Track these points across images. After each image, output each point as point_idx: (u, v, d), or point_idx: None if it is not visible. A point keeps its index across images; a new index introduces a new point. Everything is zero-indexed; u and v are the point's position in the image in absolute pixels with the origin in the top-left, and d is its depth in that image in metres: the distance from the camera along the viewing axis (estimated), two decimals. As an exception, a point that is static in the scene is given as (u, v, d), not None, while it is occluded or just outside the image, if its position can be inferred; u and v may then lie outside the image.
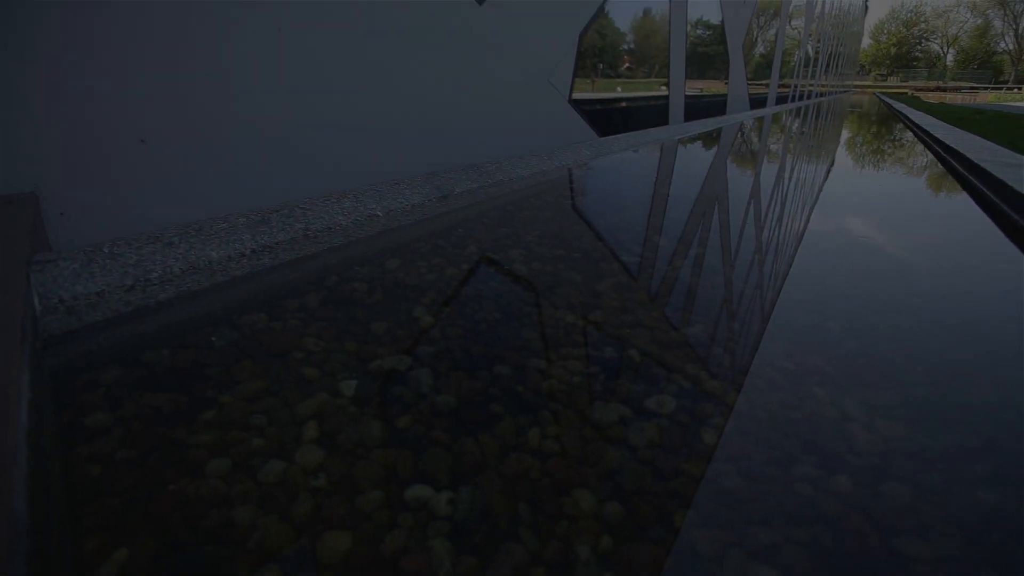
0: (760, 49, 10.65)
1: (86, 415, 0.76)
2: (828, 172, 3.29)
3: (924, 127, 5.83)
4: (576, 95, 3.50)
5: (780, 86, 12.07)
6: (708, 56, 7.14)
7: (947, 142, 3.84)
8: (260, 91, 1.65)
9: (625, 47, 4.95)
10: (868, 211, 2.21)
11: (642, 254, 1.49)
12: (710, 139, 4.64)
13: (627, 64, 5.13)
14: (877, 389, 0.88)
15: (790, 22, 13.16)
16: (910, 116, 8.30)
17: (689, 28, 5.93)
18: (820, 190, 2.57)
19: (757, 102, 10.06)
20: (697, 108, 6.39)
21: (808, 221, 2.00)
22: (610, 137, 3.81)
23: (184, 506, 0.60)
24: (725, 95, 7.64)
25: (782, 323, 1.15)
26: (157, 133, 1.42)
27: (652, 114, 5.22)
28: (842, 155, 4.39)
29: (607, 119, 4.17)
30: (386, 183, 1.87)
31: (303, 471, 0.66)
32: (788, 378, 0.91)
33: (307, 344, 0.98)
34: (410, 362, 0.93)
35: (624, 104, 4.80)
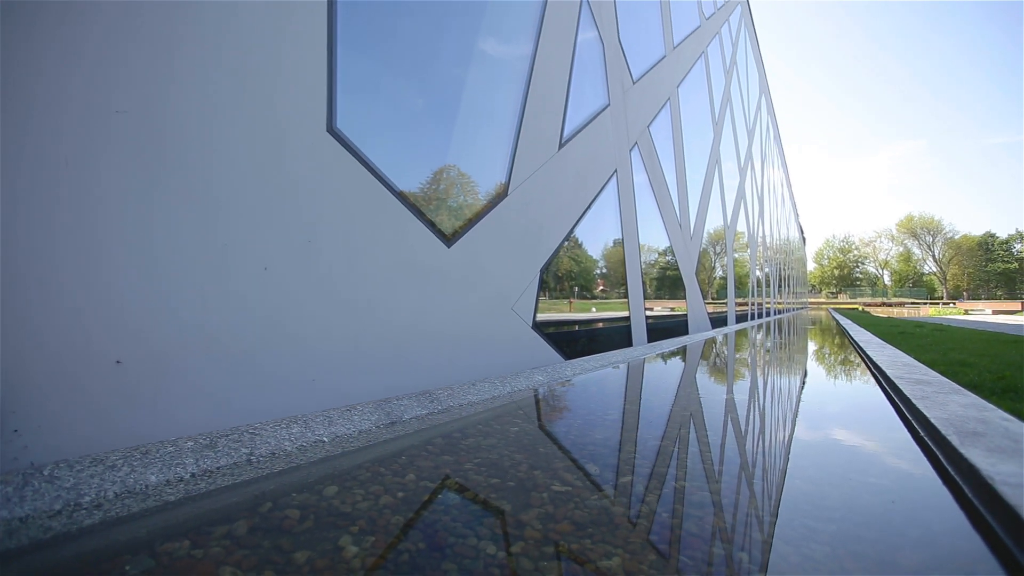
0: (719, 273, 12.01)
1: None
2: (778, 389, 3.51)
3: (860, 343, 6.44)
4: (539, 320, 3.87)
5: (738, 305, 13.40)
6: (667, 280, 8.05)
7: (875, 359, 4.25)
8: (238, 320, 1.85)
9: (598, 272, 5.64)
10: (808, 420, 2.36)
11: (573, 483, 1.55)
12: (668, 359, 4.96)
13: (601, 287, 5.76)
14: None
15: (746, 250, 15.26)
16: (852, 333, 9.13)
17: (653, 256, 6.94)
18: (766, 407, 2.73)
19: (719, 321, 10.96)
20: (659, 329, 6.97)
21: (756, 437, 2.11)
22: (570, 361, 4.08)
23: None
24: (685, 315, 8.38)
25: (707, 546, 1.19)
26: (131, 356, 1.57)
27: (615, 336, 5.67)
28: (791, 371, 4.70)
29: (571, 342, 4.53)
30: (338, 409, 1.98)
31: None
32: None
33: (223, 573, 0.98)
34: (321, 595, 0.94)
35: (587, 328, 5.24)
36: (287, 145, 2.10)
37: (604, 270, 5.80)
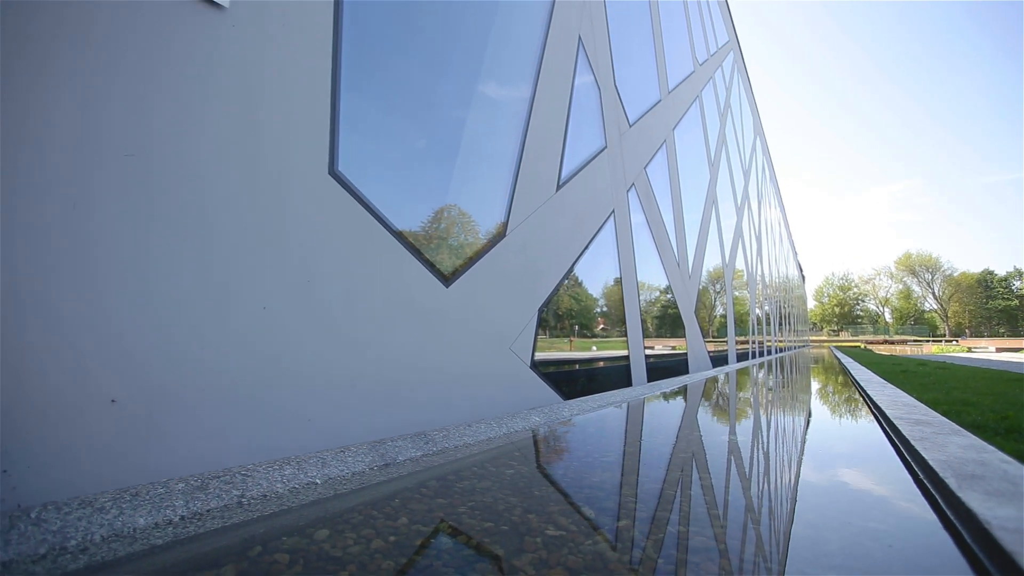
0: (719, 311, 12.00)
1: None
2: (778, 431, 3.46)
3: (860, 382, 6.41)
4: (538, 360, 3.87)
5: (739, 343, 13.34)
6: (667, 319, 8.04)
7: (875, 399, 4.22)
8: (236, 360, 1.86)
9: (598, 310, 5.65)
10: (808, 463, 2.32)
11: (568, 527, 1.53)
12: (669, 399, 4.92)
13: (601, 326, 5.75)
14: None
15: (745, 288, 15.30)
16: (852, 372, 9.09)
17: (653, 294, 6.97)
18: (767, 449, 2.69)
19: (719, 360, 10.89)
20: (659, 368, 6.93)
21: (756, 478, 2.07)
22: (568, 402, 4.05)
23: None
24: (686, 354, 8.34)
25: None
26: (128, 395, 1.57)
27: (614, 375, 5.64)
28: (792, 411, 4.65)
29: (570, 382, 4.51)
30: (332, 450, 1.97)
31: None
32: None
33: (206, 624, 0.97)
34: (306, 645, 0.92)
35: (587, 367, 5.22)
36: (290, 188, 2.15)
37: (604, 308, 5.81)
